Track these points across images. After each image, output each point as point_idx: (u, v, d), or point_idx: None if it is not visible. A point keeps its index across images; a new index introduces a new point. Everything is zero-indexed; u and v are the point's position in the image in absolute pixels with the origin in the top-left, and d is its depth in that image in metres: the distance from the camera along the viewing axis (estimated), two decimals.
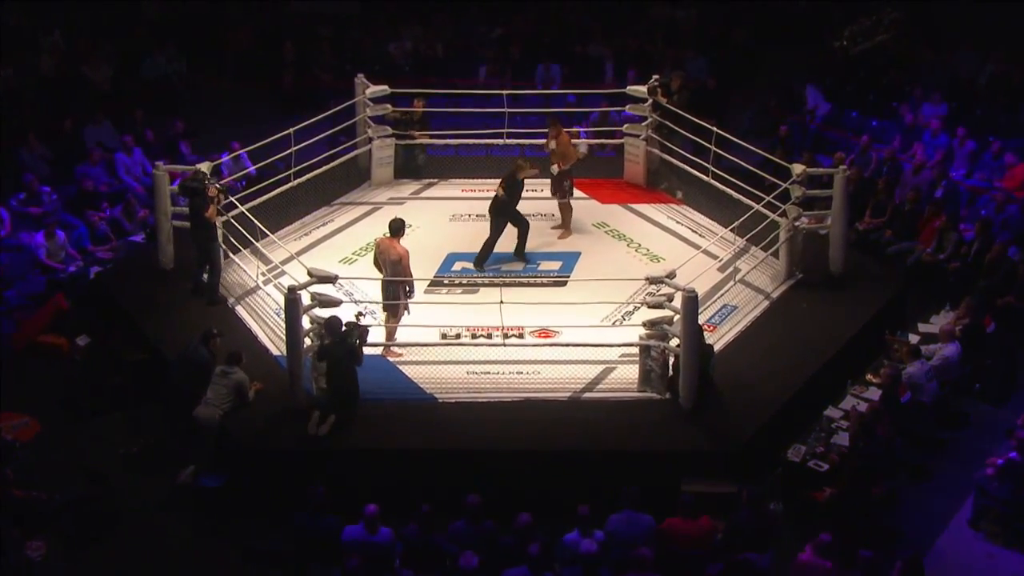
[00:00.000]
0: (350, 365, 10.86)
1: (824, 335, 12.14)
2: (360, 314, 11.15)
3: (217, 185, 12.79)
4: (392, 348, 11.86)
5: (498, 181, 13.64)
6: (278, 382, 11.20)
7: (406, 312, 11.85)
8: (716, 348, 11.62)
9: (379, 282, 11.94)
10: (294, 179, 14.26)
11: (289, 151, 14.16)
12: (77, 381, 12.37)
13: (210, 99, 19.12)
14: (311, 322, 11.12)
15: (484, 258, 13.55)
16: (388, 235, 12.14)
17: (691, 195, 15.04)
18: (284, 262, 12.55)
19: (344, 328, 10.87)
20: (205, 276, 12.81)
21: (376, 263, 12.12)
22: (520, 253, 13.70)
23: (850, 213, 13.52)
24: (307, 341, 11.04)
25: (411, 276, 11.84)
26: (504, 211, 13.50)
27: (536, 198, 14.41)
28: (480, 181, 15.40)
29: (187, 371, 11.22)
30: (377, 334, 11.78)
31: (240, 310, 12.65)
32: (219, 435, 10.78)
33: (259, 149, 14.49)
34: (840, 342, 12.08)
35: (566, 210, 14.39)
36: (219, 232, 12.78)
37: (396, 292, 11.79)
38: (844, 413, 11.29)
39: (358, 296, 12.46)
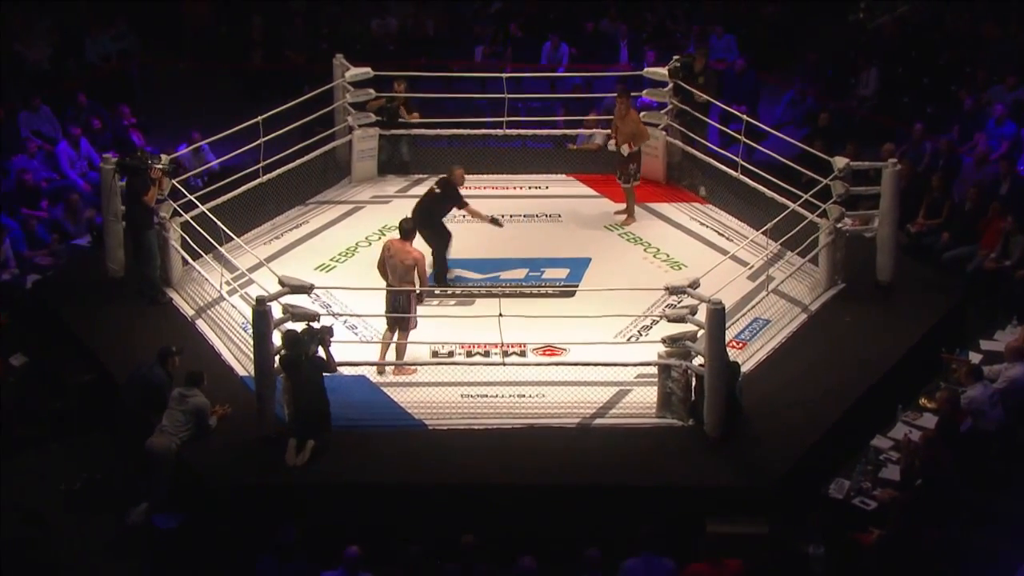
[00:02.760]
0: (317, 377, 10.87)
1: (871, 353, 12.19)
2: (315, 316, 11.11)
3: (160, 166, 12.83)
4: (400, 367, 11.94)
5: (498, 177, 13.72)
6: (244, 406, 11.24)
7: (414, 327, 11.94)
8: (746, 368, 11.70)
9: (363, 292, 12.07)
10: (263, 174, 14.34)
11: (257, 142, 14.22)
12: (10, 406, 12.38)
13: (166, 83, 19.21)
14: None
15: (440, 272, 13.32)
16: (399, 238, 12.15)
17: (717, 192, 15.13)
18: (252, 269, 12.64)
19: (299, 335, 10.84)
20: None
21: (381, 269, 12.19)
22: (438, 277, 13.30)
23: (901, 213, 13.56)
24: (278, 360, 11.08)
25: (428, 282, 11.95)
26: (423, 220, 13.01)
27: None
28: (476, 177, 15.42)
29: (140, 394, 11.28)
30: (363, 351, 11.89)
31: (201, 324, 12.71)
32: (176, 468, 10.82)
33: (223, 140, 14.58)
34: (889, 361, 12.13)
35: (631, 196, 14.69)
36: (174, 226, 12.84)
37: (407, 303, 11.87)
38: (894, 443, 11.32)
39: (337, 308, 12.53)
